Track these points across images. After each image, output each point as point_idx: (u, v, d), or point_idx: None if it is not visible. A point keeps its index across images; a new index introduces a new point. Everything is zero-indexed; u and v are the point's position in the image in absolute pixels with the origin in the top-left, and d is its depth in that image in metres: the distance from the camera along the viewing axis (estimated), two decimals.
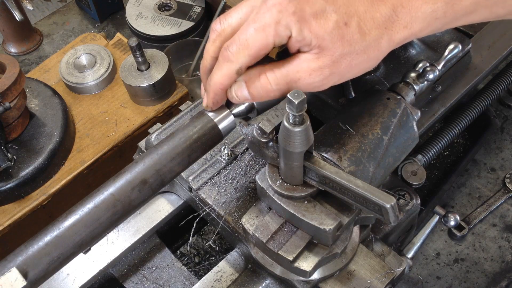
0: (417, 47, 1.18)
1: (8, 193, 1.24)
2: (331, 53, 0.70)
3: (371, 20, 0.70)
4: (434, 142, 1.32)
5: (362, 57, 0.72)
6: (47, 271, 0.69)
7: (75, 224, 0.70)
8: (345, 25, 0.69)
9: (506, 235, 1.39)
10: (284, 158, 0.77)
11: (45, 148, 1.28)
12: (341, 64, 0.71)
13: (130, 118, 1.40)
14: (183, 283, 1.05)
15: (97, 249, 1.04)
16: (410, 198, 1.02)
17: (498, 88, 1.43)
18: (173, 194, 1.09)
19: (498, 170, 1.50)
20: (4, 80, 1.19)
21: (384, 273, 0.91)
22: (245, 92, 0.74)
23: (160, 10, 1.78)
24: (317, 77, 0.72)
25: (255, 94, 0.74)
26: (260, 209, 0.88)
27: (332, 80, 0.73)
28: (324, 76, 0.72)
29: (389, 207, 0.71)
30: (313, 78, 0.72)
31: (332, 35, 0.69)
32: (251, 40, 0.70)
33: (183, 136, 0.76)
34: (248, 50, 0.70)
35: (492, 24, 1.27)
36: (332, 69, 0.71)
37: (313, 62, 0.71)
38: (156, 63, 1.39)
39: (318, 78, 0.72)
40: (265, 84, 0.73)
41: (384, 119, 0.88)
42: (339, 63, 0.71)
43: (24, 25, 1.85)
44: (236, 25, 0.74)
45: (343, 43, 0.70)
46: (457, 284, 1.33)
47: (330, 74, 0.72)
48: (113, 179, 0.73)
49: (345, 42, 0.70)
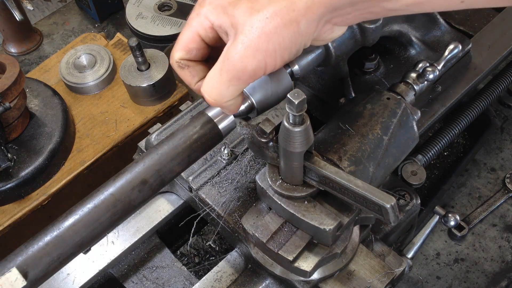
0: (417, 47, 1.18)
1: (8, 193, 1.24)
2: (241, 27, 0.67)
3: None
4: (434, 142, 1.32)
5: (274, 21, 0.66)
6: (47, 271, 0.69)
7: (75, 224, 0.70)
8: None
9: (506, 235, 1.39)
10: (284, 158, 0.77)
11: (45, 148, 1.28)
12: (254, 34, 0.67)
13: (130, 118, 1.40)
14: (183, 283, 1.05)
15: (97, 249, 1.04)
16: (410, 198, 1.02)
17: (498, 88, 1.43)
18: (173, 194, 1.09)
19: (498, 170, 1.50)
20: (4, 80, 1.19)
21: (384, 273, 0.91)
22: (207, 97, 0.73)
23: (160, 10, 1.78)
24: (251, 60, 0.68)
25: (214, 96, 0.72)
26: (260, 209, 0.88)
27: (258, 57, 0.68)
28: (248, 53, 0.67)
29: (389, 207, 0.71)
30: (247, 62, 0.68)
31: (242, 10, 0.67)
32: (180, 36, 0.75)
33: (183, 136, 0.76)
34: (178, 45, 0.75)
35: (492, 24, 1.27)
36: (251, 44, 0.67)
37: (234, 44, 0.68)
38: (156, 63, 1.39)
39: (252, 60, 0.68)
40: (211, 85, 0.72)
41: (384, 119, 0.88)
42: (252, 33, 0.67)
43: (24, 25, 1.85)
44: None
45: (252, 13, 0.67)
46: (457, 284, 1.33)
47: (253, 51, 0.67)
48: (113, 179, 0.73)
49: (254, 11, 0.67)
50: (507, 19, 1.27)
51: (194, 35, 0.74)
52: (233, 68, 0.69)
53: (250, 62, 0.68)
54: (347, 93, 1.11)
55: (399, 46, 1.20)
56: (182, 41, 0.75)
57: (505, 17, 1.28)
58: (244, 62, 0.68)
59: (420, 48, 1.18)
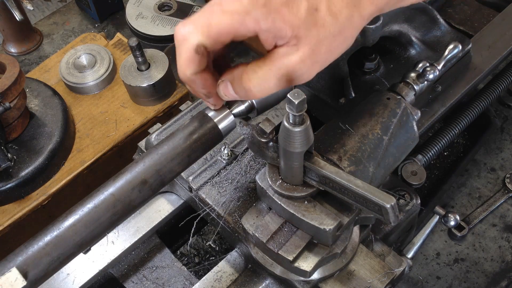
0: (417, 47, 1.18)
1: (8, 193, 1.24)
2: (308, 41, 0.68)
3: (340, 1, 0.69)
4: (434, 142, 1.32)
5: (339, 38, 0.70)
6: (47, 271, 0.69)
7: (75, 224, 0.70)
8: (316, 10, 0.68)
9: (506, 235, 1.39)
10: (284, 158, 0.77)
11: (45, 148, 1.28)
12: (321, 51, 0.69)
13: (130, 118, 1.40)
14: (183, 283, 1.05)
15: (97, 249, 1.04)
16: (410, 198, 1.02)
17: (498, 88, 1.43)
18: (173, 194, 1.09)
19: (498, 170, 1.50)
20: (4, 80, 1.19)
21: (384, 273, 0.91)
22: (231, 92, 0.74)
23: (160, 10, 1.78)
24: (300, 70, 0.70)
25: (241, 94, 0.73)
26: (260, 209, 0.88)
27: (316, 69, 0.72)
28: (307, 67, 0.70)
29: (389, 207, 0.71)
30: (297, 72, 0.70)
31: (306, 23, 0.67)
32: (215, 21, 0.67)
33: (183, 136, 0.76)
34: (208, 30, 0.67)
35: (492, 24, 1.27)
36: (313, 58, 0.69)
37: (293, 55, 0.69)
38: (156, 63, 1.39)
39: (301, 71, 0.70)
40: (248, 85, 0.71)
41: (384, 119, 0.88)
42: (318, 50, 0.69)
43: (24, 25, 1.85)
44: None
45: (318, 28, 0.68)
46: (457, 284, 1.33)
47: (313, 64, 0.70)
48: (113, 179, 0.73)
49: (320, 27, 0.68)
50: (507, 19, 1.27)
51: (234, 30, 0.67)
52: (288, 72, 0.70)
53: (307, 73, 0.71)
54: (347, 93, 1.11)
55: (399, 46, 1.20)
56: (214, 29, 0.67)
57: (505, 17, 1.28)
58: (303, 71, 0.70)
59: (420, 48, 1.18)
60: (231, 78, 0.73)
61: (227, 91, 0.74)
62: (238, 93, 0.73)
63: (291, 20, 0.67)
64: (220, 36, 0.67)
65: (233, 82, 0.73)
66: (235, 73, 0.73)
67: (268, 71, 0.70)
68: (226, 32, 0.67)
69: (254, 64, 0.71)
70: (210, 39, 0.67)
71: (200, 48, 0.68)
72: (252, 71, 0.71)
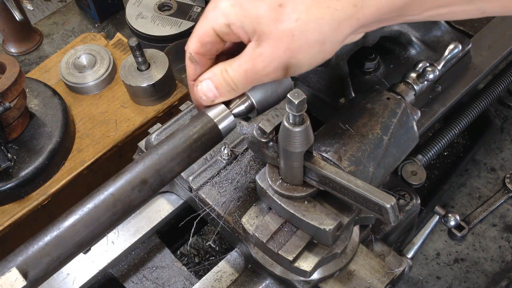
0: (417, 47, 1.18)
1: (8, 193, 1.24)
2: (267, 36, 0.67)
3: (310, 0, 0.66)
4: (434, 142, 1.32)
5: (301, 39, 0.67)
6: (47, 271, 0.69)
7: (75, 224, 0.70)
8: (279, 6, 0.66)
9: (506, 235, 1.39)
10: (284, 158, 0.77)
11: (45, 148, 1.28)
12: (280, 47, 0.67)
13: (130, 118, 1.40)
14: (183, 283, 1.05)
15: (97, 249, 1.04)
16: (410, 198, 1.02)
17: (498, 88, 1.43)
18: (173, 194, 1.09)
19: (498, 170, 1.50)
20: (4, 80, 1.19)
21: (384, 273, 0.91)
22: (211, 87, 0.75)
23: (160, 10, 1.78)
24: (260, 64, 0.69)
25: (220, 89, 0.75)
26: (260, 209, 0.88)
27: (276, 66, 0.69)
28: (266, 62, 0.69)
29: (389, 207, 0.71)
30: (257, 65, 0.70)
31: (267, 17, 0.66)
32: (196, 27, 0.73)
33: (183, 136, 0.76)
34: (194, 36, 0.73)
35: (492, 24, 1.27)
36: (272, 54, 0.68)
37: (255, 49, 0.69)
38: (156, 63, 1.39)
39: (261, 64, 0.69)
40: (227, 78, 0.73)
41: (384, 119, 0.88)
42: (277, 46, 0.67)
43: (24, 25, 1.85)
44: None
45: (277, 24, 0.66)
46: (457, 284, 1.33)
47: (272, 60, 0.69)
48: (113, 179, 0.73)
49: (280, 23, 0.66)
50: (507, 19, 1.27)
51: (208, 29, 0.72)
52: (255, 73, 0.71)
53: (272, 73, 0.70)
54: (347, 93, 1.11)
55: (399, 46, 1.20)
56: (197, 33, 0.73)
57: (505, 17, 1.28)
58: (267, 71, 0.70)
59: (420, 48, 1.18)
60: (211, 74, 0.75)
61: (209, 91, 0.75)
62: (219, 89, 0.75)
63: (251, 13, 0.67)
64: (203, 38, 0.72)
65: (213, 78, 0.75)
66: (215, 70, 0.75)
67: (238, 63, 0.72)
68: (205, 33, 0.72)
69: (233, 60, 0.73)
70: (197, 44, 0.73)
71: (192, 57, 0.75)
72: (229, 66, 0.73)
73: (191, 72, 0.77)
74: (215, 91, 0.75)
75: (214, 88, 0.75)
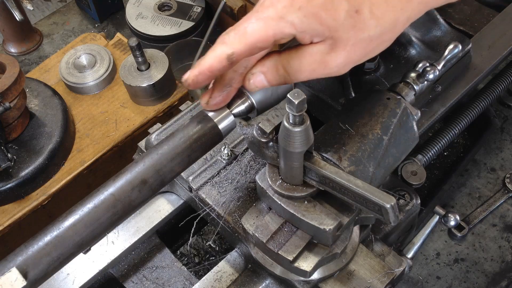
0: (417, 47, 1.18)
1: (8, 193, 1.24)
2: (344, 43, 0.68)
3: (384, 3, 0.67)
4: (434, 142, 1.32)
5: (377, 41, 0.70)
6: (47, 271, 0.69)
7: (75, 224, 0.70)
8: (356, 12, 0.66)
9: (506, 235, 1.39)
10: (284, 158, 0.77)
11: (45, 148, 1.28)
12: (356, 52, 0.69)
13: (130, 118, 1.40)
14: (183, 283, 1.05)
15: (97, 249, 1.04)
16: (410, 198, 1.02)
17: (498, 88, 1.43)
18: (173, 194, 1.09)
19: (498, 170, 1.50)
20: (4, 80, 1.19)
21: (384, 273, 0.91)
22: (264, 81, 0.74)
23: (160, 10, 1.78)
24: (332, 68, 0.71)
25: (274, 83, 0.74)
26: (260, 209, 0.88)
27: (347, 68, 0.72)
28: (340, 66, 0.71)
29: (389, 207, 0.71)
30: (329, 69, 0.71)
31: (344, 25, 0.66)
32: (250, 29, 0.67)
33: (183, 136, 0.76)
34: (244, 38, 0.67)
35: (492, 24, 1.27)
36: (347, 59, 0.70)
37: (327, 54, 0.69)
38: (156, 63, 1.39)
39: (333, 69, 0.71)
40: (283, 75, 0.73)
41: (384, 119, 0.88)
42: (353, 51, 0.69)
43: (24, 25, 1.85)
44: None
45: (356, 31, 0.67)
46: (457, 284, 1.33)
47: (346, 64, 0.71)
48: (113, 179, 0.73)
49: (358, 30, 0.67)
50: (507, 19, 1.27)
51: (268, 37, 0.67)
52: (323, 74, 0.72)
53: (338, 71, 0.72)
54: (347, 93, 1.11)
55: (399, 46, 1.20)
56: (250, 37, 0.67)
57: (505, 17, 1.28)
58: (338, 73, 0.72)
59: (420, 48, 1.18)
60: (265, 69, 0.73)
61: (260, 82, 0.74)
62: (270, 81, 0.73)
63: (328, 22, 0.66)
64: (257, 43, 0.68)
65: (267, 73, 0.73)
66: (268, 65, 0.73)
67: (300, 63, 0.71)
68: (261, 39, 0.67)
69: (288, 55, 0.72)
70: (246, 46, 0.68)
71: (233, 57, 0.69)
72: (287, 63, 0.72)
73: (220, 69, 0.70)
74: (267, 84, 0.74)
75: (266, 82, 0.74)
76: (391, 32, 0.70)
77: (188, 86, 0.74)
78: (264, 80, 0.74)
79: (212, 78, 0.73)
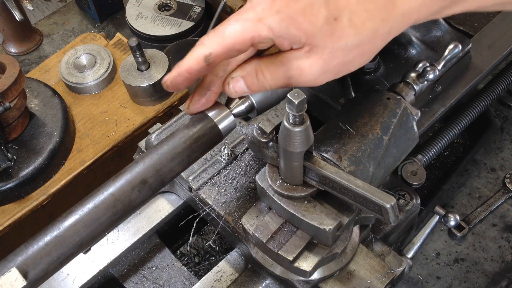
0: (417, 47, 1.18)
1: (8, 193, 1.24)
2: (321, 50, 0.67)
3: (364, 13, 0.66)
4: (434, 142, 1.32)
5: (356, 52, 0.68)
6: (47, 271, 0.69)
7: (75, 224, 0.70)
8: (335, 20, 0.65)
9: (506, 235, 1.39)
10: (284, 158, 0.77)
11: (45, 148, 1.28)
12: (333, 61, 0.68)
13: (130, 118, 1.40)
14: (183, 283, 1.05)
15: (97, 249, 1.04)
16: (410, 198, 1.02)
17: (498, 88, 1.43)
18: (173, 194, 1.09)
19: (498, 170, 1.50)
20: (4, 80, 1.19)
21: (384, 273, 0.91)
22: (243, 86, 0.73)
23: (160, 10, 1.78)
24: (308, 76, 0.70)
25: (253, 88, 0.73)
26: (260, 209, 0.88)
27: (326, 78, 0.71)
28: (316, 75, 0.70)
29: (389, 207, 0.71)
30: (304, 77, 0.70)
31: (322, 32, 0.66)
32: (228, 30, 0.67)
33: (183, 136, 0.76)
34: (222, 39, 0.67)
35: (492, 24, 1.27)
36: (324, 67, 0.69)
37: (304, 60, 0.68)
38: (156, 63, 1.39)
39: (309, 77, 0.70)
40: (262, 81, 0.72)
41: (384, 119, 0.88)
42: (330, 60, 0.68)
43: (24, 25, 1.85)
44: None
45: (333, 39, 0.66)
46: (457, 284, 1.33)
47: (323, 73, 0.70)
48: (113, 179, 0.73)
49: (336, 38, 0.66)
50: (507, 19, 1.27)
51: (245, 39, 0.67)
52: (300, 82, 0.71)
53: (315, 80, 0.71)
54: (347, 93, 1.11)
55: (399, 46, 1.20)
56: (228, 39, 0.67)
57: (505, 17, 1.28)
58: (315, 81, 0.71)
59: (420, 48, 1.18)
60: (244, 73, 0.73)
61: (239, 86, 0.73)
62: (250, 87, 0.73)
63: (305, 28, 0.66)
64: (234, 45, 0.67)
65: (246, 76, 0.73)
66: (248, 68, 0.73)
67: (278, 69, 0.70)
68: (239, 41, 0.67)
69: (267, 60, 0.71)
70: (224, 48, 0.68)
71: (210, 58, 0.69)
72: (266, 68, 0.71)
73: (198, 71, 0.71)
74: (246, 89, 0.73)
75: (245, 87, 0.73)
76: (370, 43, 0.69)
77: (167, 88, 0.75)
78: (243, 85, 0.73)
79: (191, 80, 0.73)
